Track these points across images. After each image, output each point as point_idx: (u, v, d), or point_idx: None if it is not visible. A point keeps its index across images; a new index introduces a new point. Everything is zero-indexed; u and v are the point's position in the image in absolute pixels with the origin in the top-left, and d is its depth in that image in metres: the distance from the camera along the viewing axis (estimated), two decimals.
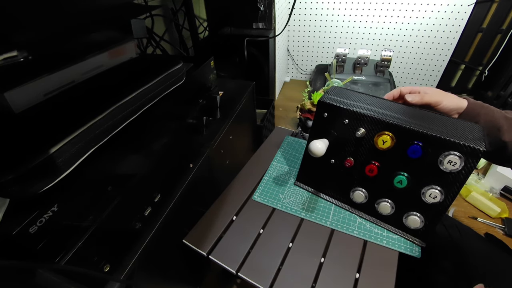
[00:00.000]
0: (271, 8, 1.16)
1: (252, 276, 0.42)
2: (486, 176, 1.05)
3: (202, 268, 0.63)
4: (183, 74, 0.54)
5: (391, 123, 0.40)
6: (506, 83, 1.35)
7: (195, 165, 0.51)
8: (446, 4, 1.35)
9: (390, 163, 0.43)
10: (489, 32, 1.41)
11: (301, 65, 1.82)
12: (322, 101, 0.46)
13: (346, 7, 1.50)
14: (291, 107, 1.52)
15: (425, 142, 0.39)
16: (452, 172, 0.38)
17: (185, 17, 1.07)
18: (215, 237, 0.48)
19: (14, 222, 0.27)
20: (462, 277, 0.46)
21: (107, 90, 0.42)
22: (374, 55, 1.56)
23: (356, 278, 0.42)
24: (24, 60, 0.36)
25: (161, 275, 0.46)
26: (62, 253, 0.31)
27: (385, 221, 0.48)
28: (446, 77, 1.59)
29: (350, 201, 0.50)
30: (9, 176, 0.26)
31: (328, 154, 0.47)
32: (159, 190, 0.45)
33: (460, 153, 0.37)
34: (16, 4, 0.32)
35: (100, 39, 0.49)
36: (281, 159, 0.64)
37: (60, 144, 0.30)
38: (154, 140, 0.48)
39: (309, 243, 0.47)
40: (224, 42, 1.23)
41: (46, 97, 0.39)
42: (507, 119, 0.41)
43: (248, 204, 0.54)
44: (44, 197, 0.29)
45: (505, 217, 0.91)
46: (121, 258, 0.36)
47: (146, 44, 0.96)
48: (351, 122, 0.44)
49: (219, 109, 0.66)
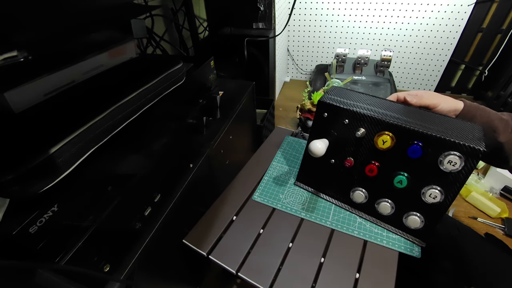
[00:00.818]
0: (271, 8, 1.16)
1: (252, 276, 0.42)
2: (486, 176, 1.05)
3: (202, 268, 0.63)
4: (183, 74, 0.54)
5: (391, 123, 0.40)
6: (506, 83, 1.35)
7: (195, 165, 0.51)
8: (446, 4, 1.35)
9: (390, 163, 0.43)
10: (489, 32, 1.41)
11: (301, 65, 1.82)
12: (322, 101, 0.46)
13: (346, 7, 1.50)
14: (291, 107, 1.52)
15: (425, 142, 0.39)
16: (452, 172, 0.38)
17: (185, 17, 1.07)
18: (215, 237, 0.48)
19: (14, 222, 0.27)
20: (462, 277, 0.46)
21: (107, 90, 0.42)
22: (374, 55, 1.56)
23: (356, 278, 0.42)
24: (24, 60, 0.36)
25: (161, 275, 0.46)
26: (62, 253, 0.31)
27: (385, 221, 0.48)
28: (446, 77, 1.59)
29: (350, 201, 0.50)
30: (9, 176, 0.26)
31: (328, 154, 0.47)
32: (159, 190, 0.45)
33: (460, 153, 0.37)
34: (16, 4, 0.32)
35: (100, 39, 0.49)
36: (281, 159, 0.64)
37: (60, 144, 0.30)
38: (154, 140, 0.48)
39: (309, 243, 0.47)
40: (224, 42, 1.23)
41: (46, 97, 0.39)
42: (502, 120, 0.41)
43: (248, 204, 0.54)
44: (44, 197, 0.29)
45: (505, 217, 0.91)
46: (121, 258, 0.36)
47: (146, 44, 0.96)
48: (351, 122, 0.44)
49: (219, 109, 0.66)
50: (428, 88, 1.66)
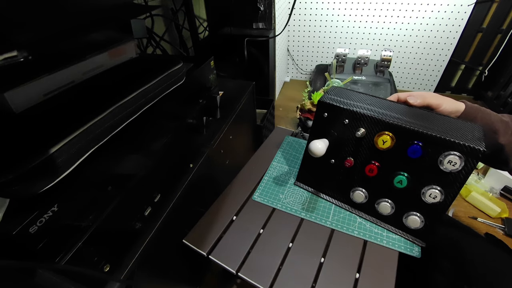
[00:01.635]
0: (271, 8, 1.16)
1: (252, 276, 0.42)
2: (486, 176, 1.05)
3: (201, 268, 0.63)
4: (183, 74, 0.54)
5: (391, 123, 0.40)
6: (506, 83, 1.35)
7: (195, 165, 0.51)
8: (446, 4, 1.35)
9: (390, 163, 0.43)
10: (489, 32, 1.41)
11: (301, 65, 1.82)
12: (322, 101, 0.46)
13: (346, 7, 1.50)
14: (291, 107, 1.52)
15: (425, 142, 0.39)
16: (452, 172, 0.38)
17: (185, 17, 1.07)
18: (215, 237, 0.48)
19: (14, 222, 0.27)
20: (461, 277, 0.46)
21: (107, 90, 0.42)
22: (374, 55, 1.56)
23: (356, 278, 0.42)
24: (24, 60, 0.36)
25: (161, 275, 0.46)
26: (62, 253, 0.31)
27: (385, 221, 0.48)
28: (446, 77, 1.59)
29: (350, 201, 0.50)
30: (9, 176, 0.26)
31: (328, 154, 0.47)
32: (159, 190, 0.45)
33: (460, 153, 0.37)
34: (15, 4, 0.32)
35: (100, 39, 0.49)
36: (281, 159, 0.64)
37: (60, 144, 0.30)
38: (154, 140, 0.48)
39: (309, 243, 0.47)
40: (224, 42, 1.23)
41: (46, 97, 0.39)
42: (503, 122, 0.42)
43: (248, 204, 0.54)
44: (44, 197, 0.29)
45: (505, 217, 0.91)
46: (121, 258, 0.36)
47: (146, 44, 0.96)
48: (351, 122, 0.44)
49: (219, 109, 0.66)
50: (428, 88, 1.66)
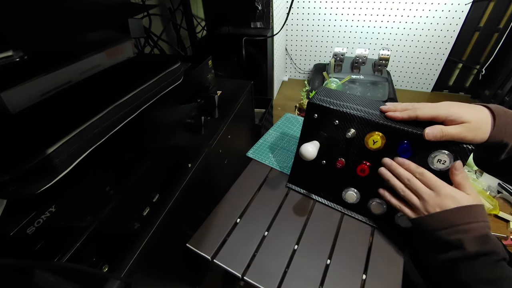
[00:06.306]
0: (269, 7, 1.16)
1: (258, 279, 0.41)
2: (483, 174, 1.06)
3: (201, 269, 0.63)
4: (181, 73, 0.54)
5: (381, 123, 0.41)
6: (503, 81, 1.36)
7: (193, 165, 0.51)
8: (444, 3, 1.35)
9: (381, 163, 0.43)
10: (486, 31, 1.41)
11: (299, 64, 1.82)
12: (311, 102, 0.46)
13: (344, 7, 1.50)
14: (290, 106, 1.52)
15: (414, 141, 0.39)
16: (442, 171, 0.39)
17: (183, 17, 1.06)
18: (219, 241, 0.47)
19: (12, 223, 0.27)
20: None
21: (105, 90, 0.42)
22: (372, 54, 1.57)
23: (363, 279, 0.41)
24: (20, 60, 0.36)
25: (160, 275, 0.46)
26: (60, 254, 0.31)
27: (377, 221, 0.48)
28: (443, 75, 1.60)
29: (342, 201, 0.50)
30: (6, 177, 0.26)
31: (319, 155, 0.47)
32: (157, 190, 0.45)
33: (448, 151, 0.37)
34: (11, 4, 0.32)
35: (97, 39, 0.48)
36: (277, 129, 0.74)
37: (58, 144, 0.30)
38: (152, 139, 0.48)
39: (315, 245, 0.46)
40: (222, 41, 1.22)
41: (43, 97, 0.39)
42: None
43: (252, 207, 0.53)
44: (42, 198, 0.29)
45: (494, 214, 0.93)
46: (120, 258, 0.36)
47: (144, 44, 0.95)
48: (341, 123, 0.44)
49: (217, 109, 0.66)
50: (426, 87, 1.67)
